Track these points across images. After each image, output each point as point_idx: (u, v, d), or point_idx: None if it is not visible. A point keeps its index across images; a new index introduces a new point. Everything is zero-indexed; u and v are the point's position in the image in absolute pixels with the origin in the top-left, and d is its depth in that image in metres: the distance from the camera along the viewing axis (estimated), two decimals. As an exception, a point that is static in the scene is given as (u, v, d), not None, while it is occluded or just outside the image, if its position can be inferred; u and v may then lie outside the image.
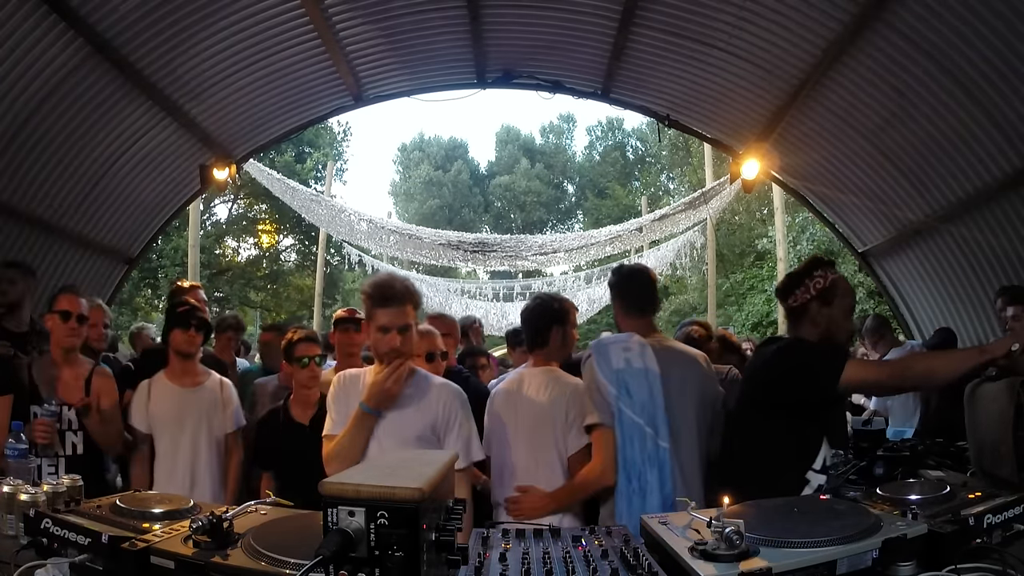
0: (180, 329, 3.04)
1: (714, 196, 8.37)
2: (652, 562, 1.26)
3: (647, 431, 2.32)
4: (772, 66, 5.51)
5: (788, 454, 2.13)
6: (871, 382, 2.06)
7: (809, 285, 2.26)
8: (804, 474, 2.12)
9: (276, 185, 8.68)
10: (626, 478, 2.32)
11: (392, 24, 5.76)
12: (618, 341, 2.47)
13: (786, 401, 2.14)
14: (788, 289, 2.32)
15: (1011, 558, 1.29)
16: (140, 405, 3.01)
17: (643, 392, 2.35)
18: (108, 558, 1.34)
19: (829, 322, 2.23)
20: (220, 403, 3.10)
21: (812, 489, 2.10)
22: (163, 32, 4.94)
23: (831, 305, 2.23)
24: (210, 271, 19.33)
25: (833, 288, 2.24)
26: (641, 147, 36.62)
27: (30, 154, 5.06)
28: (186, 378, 3.08)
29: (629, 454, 2.32)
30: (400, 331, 2.25)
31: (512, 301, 11.61)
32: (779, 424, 2.15)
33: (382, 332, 2.25)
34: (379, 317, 2.26)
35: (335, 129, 23.90)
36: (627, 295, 2.64)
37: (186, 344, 3.05)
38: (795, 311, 2.30)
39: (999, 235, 5.12)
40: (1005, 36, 4.01)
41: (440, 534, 1.07)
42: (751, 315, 18.12)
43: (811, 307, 2.25)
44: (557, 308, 2.74)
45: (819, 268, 2.28)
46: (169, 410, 2.99)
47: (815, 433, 2.14)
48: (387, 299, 2.25)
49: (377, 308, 2.26)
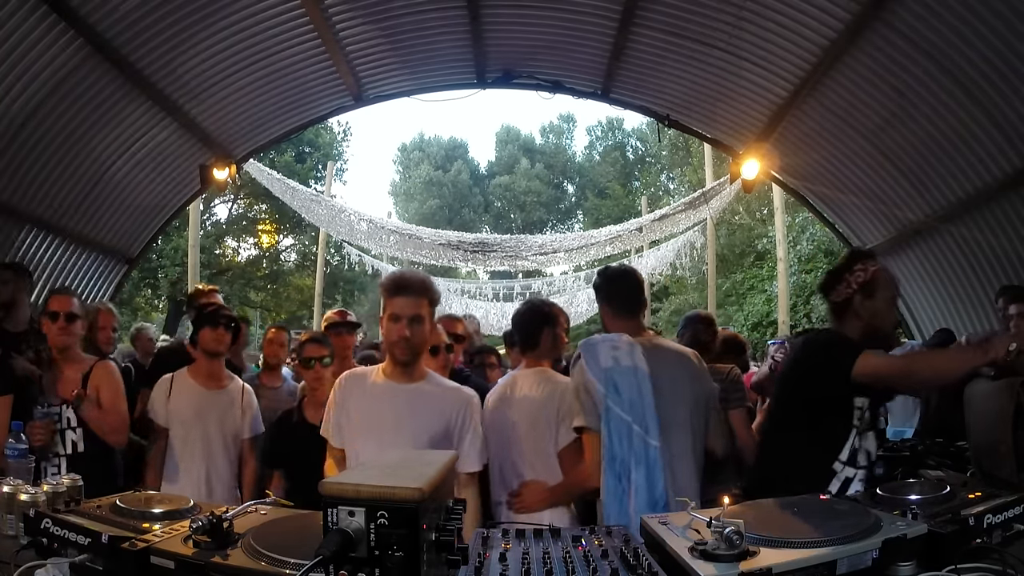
0: (210, 327, 3.04)
1: (714, 196, 8.36)
2: (652, 562, 1.26)
3: (636, 429, 2.30)
4: (772, 66, 5.51)
5: (815, 445, 2.17)
6: (882, 375, 2.05)
7: (850, 279, 2.27)
8: (831, 465, 2.15)
9: (276, 185, 8.67)
10: (615, 477, 2.30)
11: (392, 24, 5.76)
12: (607, 340, 2.47)
13: (807, 395, 2.20)
14: (830, 284, 2.34)
15: (1011, 558, 1.29)
16: (160, 399, 3.01)
17: (632, 390, 2.33)
18: (108, 558, 1.34)
19: (873, 314, 2.24)
20: (240, 408, 3.11)
21: (840, 481, 2.14)
22: (163, 32, 4.94)
23: (873, 297, 2.25)
24: (210, 271, 19.32)
25: (874, 280, 2.25)
26: (641, 147, 36.63)
27: (30, 154, 5.06)
28: (210, 380, 3.09)
29: (618, 452, 2.30)
30: (411, 321, 2.22)
31: (512, 301, 11.62)
32: (805, 416, 2.21)
33: (393, 321, 2.23)
34: (391, 305, 2.23)
35: (335, 129, 23.91)
36: (615, 297, 2.62)
37: (214, 343, 3.04)
38: (838, 306, 2.32)
39: (999, 235, 5.12)
40: (1005, 36, 4.01)
41: (440, 534, 1.07)
42: (751, 315, 18.13)
43: (854, 300, 2.26)
44: (547, 311, 2.82)
45: (859, 261, 2.30)
46: (188, 408, 2.99)
47: (842, 425, 2.18)
48: (401, 288, 2.24)
49: (391, 297, 2.24)
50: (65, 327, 2.87)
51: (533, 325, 2.76)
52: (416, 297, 2.23)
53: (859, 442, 2.16)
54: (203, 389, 3.06)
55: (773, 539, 1.26)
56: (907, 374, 2.09)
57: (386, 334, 2.27)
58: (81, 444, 2.81)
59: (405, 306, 2.22)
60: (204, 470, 2.96)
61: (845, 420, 2.17)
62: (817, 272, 16.26)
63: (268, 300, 22.43)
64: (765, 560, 1.19)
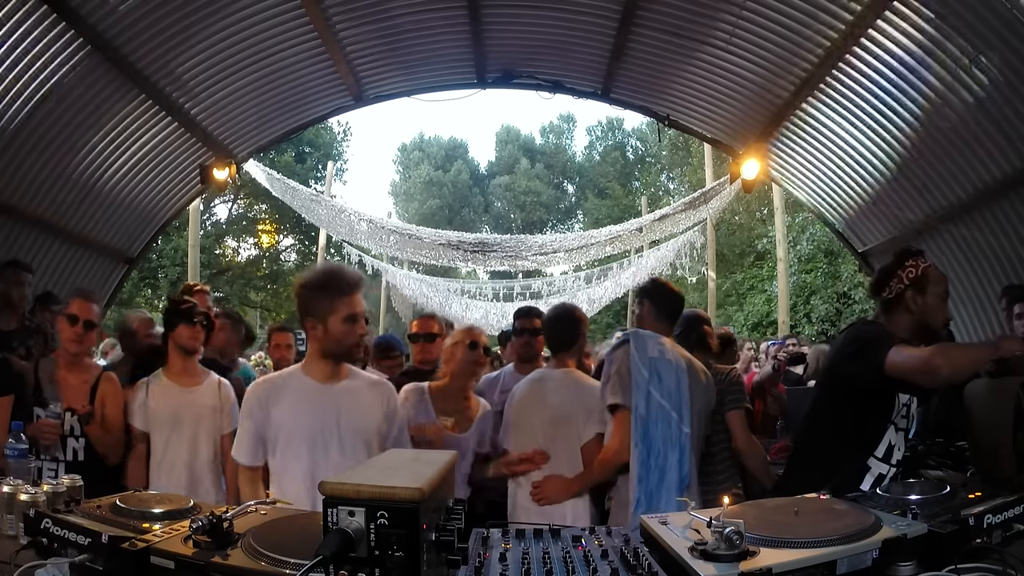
0: (185, 324, 3.03)
1: (714, 196, 8.35)
2: (652, 562, 1.26)
3: (673, 415, 2.51)
4: (772, 66, 5.51)
5: (850, 439, 2.21)
6: (909, 368, 2.05)
7: (902, 275, 2.32)
8: (866, 460, 2.18)
9: (276, 185, 8.67)
10: (647, 454, 2.47)
11: (392, 24, 5.76)
12: (653, 336, 2.68)
13: (848, 384, 2.23)
14: (882, 281, 2.39)
15: (1011, 558, 1.29)
16: (139, 403, 2.99)
17: (672, 380, 2.55)
18: (108, 558, 1.34)
19: (924, 310, 2.28)
20: (218, 403, 3.09)
21: (873, 477, 2.17)
22: (163, 32, 4.94)
23: (925, 293, 2.29)
24: (210, 271, 19.34)
25: (926, 276, 2.30)
26: (641, 147, 36.62)
27: (30, 154, 5.06)
28: (185, 377, 3.06)
29: (653, 433, 2.48)
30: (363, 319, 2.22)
31: (512, 301, 11.59)
32: (843, 409, 2.25)
33: (352, 321, 2.15)
34: (352, 304, 2.16)
35: (335, 129, 23.93)
36: (663, 305, 2.86)
37: (190, 340, 3.04)
38: (890, 302, 2.36)
39: (999, 235, 5.11)
40: (1005, 36, 4.01)
41: (440, 534, 1.07)
42: (751, 315, 18.14)
43: (906, 296, 2.30)
44: (580, 316, 3.05)
45: (910, 258, 2.35)
46: (167, 409, 2.97)
47: (878, 420, 2.20)
48: (356, 285, 2.19)
49: (349, 294, 2.16)
50: (81, 334, 2.87)
51: (571, 328, 2.97)
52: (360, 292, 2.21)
53: (895, 439, 2.19)
54: (179, 388, 3.03)
55: (773, 539, 1.26)
56: (927, 369, 2.07)
57: (343, 335, 2.16)
58: (82, 453, 2.83)
59: (360, 303, 2.19)
60: (187, 469, 2.94)
61: (884, 415, 2.21)
62: (817, 272, 16.27)
63: (268, 300, 22.44)
64: (765, 560, 1.19)
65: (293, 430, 2.16)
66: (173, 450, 2.95)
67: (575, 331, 2.96)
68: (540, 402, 2.83)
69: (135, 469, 2.97)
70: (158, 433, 2.97)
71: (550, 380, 2.90)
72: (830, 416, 2.32)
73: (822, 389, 2.51)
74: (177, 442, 2.95)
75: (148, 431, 2.98)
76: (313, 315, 2.17)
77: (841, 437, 2.23)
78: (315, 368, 2.23)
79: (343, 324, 2.15)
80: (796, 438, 2.83)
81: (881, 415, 2.20)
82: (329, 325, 2.16)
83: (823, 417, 2.38)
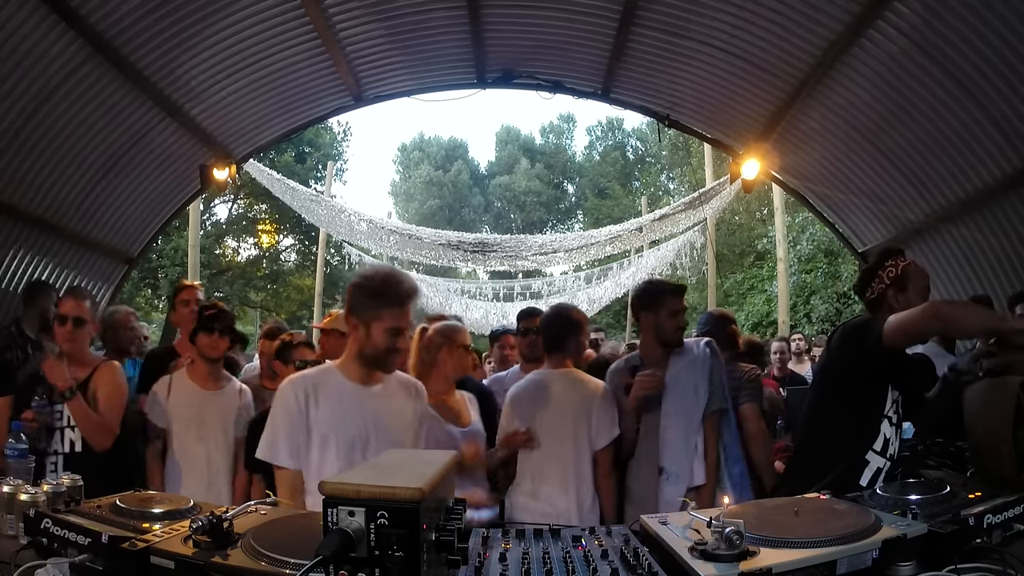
0: (204, 333, 3.08)
1: (714, 196, 8.36)
2: (652, 562, 1.27)
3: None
4: (772, 66, 5.51)
5: (847, 433, 2.22)
6: (908, 321, 2.02)
7: (883, 275, 2.37)
8: (864, 455, 2.19)
9: (276, 185, 8.67)
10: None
11: (392, 24, 5.76)
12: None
13: (846, 374, 2.25)
14: (864, 283, 2.45)
15: (1011, 558, 1.29)
16: (159, 400, 3.04)
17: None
18: (108, 558, 1.34)
19: (907, 306, 2.28)
20: (238, 408, 3.16)
21: (871, 471, 2.18)
22: (163, 32, 4.93)
23: (906, 290, 2.33)
24: (210, 271, 19.33)
25: (905, 274, 2.34)
26: (641, 147, 36.60)
27: (30, 154, 5.06)
28: (208, 380, 3.14)
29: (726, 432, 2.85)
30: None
31: (512, 301, 11.60)
32: (839, 403, 2.27)
33: (395, 335, 2.10)
34: (402, 316, 2.11)
35: (335, 129, 23.90)
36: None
37: (210, 349, 3.10)
38: (873, 302, 2.41)
39: (999, 235, 5.11)
40: (1005, 36, 4.01)
41: (440, 534, 1.07)
42: (751, 315, 18.11)
43: (888, 295, 2.35)
44: (575, 318, 3.04)
45: (889, 258, 2.40)
46: (188, 409, 3.03)
47: (872, 412, 2.22)
48: (410, 296, 2.12)
49: (402, 305, 2.10)
50: (73, 331, 2.89)
51: (562, 330, 2.98)
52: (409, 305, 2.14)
53: (890, 432, 2.21)
54: (201, 390, 3.09)
55: (773, 539, 1.26)
56: (934, 316, 2.04)
57: (382, 345, 2.10)
58: (79, 443, 2.82)
59: (407, 317, 2.12)
60: (206, 471, 2.99)
61: (878, 406, 2.22)
62: (817, 272, 16.26)
63: (268, 300, 22.43)
64: (765, 560, 1.19)
65: (331, 433, 2.10)
66: (191, 451, 2.99)
67: (568, 332, 2.97)
68: (543, 406, 2.84)
69: (153, 464, 3.04)
70: (177, 432, 3.02)
71: (551, 383, 2.91)
72: (827, 413, 2.34)
73: (818, 388, 2.52)
74: (196, 443, 3.00)
75: (166, 428, 3.03)
76: (358, 315, 2.13)
77: (839, 432, 2.24)
78: (351, 369, 2.18)
79: (385, 334, 2.10)
80: (796, 439, 2.85)
81: (875, 407, 2.22)
82: (372, 331, 2.10)
83: (820, 416, 2.39)
